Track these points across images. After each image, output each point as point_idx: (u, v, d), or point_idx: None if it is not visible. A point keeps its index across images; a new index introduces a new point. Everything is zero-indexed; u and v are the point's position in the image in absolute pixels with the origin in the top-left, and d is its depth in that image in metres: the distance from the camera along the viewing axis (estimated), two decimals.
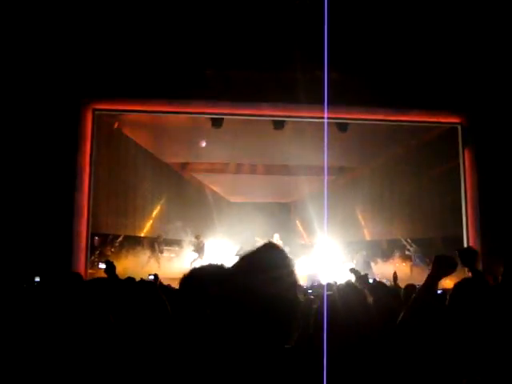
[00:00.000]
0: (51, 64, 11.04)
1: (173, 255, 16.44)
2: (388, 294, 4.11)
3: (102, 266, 4.81)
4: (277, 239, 17.36)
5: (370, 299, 2.17)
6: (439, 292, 5.92)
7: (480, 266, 12.31)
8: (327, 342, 1.87)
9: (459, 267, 2.62)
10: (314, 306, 2.17)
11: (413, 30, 10.92)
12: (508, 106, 11.79)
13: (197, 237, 16.42)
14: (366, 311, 2.16)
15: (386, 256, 15.86)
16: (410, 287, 5.41)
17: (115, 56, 11.29)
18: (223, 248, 16.25)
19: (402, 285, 5.95)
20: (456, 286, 2.67)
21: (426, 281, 2.34)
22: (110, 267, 4.14)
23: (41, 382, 1.91)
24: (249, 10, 10.55)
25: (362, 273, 6.25)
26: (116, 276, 4.14)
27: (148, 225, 16.07)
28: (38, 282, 7.00)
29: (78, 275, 4.24)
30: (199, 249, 16.18)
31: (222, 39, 10.94)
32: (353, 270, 5.58)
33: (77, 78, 11.34)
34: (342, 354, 1.96)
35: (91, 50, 11.13)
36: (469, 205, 12.90)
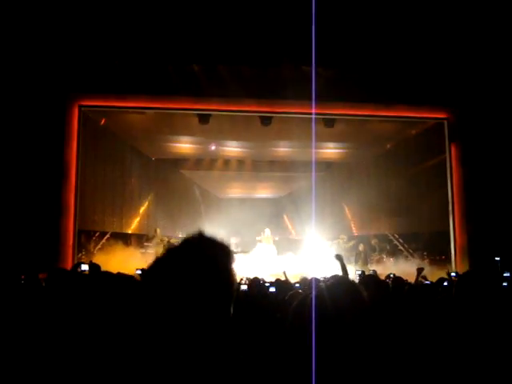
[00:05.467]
0: (37, 60, 10.93)
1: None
2: (377, 287, 4.12)
3: (85, 267, 4.69)
4: (268, 234, 17.41)
5: (365, 293, 2.12)
6: (427, 283, 5.97)
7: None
8: (315, 337, 1.87)
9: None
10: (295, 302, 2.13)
11: (400, 26, 10.94)
12: (494, 100, 11.88)
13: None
14: (357, 306, 2.12)
15: (373, 250, 15.93)
16: (398, 280, 5.45)
17: (101, 52, 11.20)
18: None
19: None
20: (462, 276, 2.61)
21: None
22: (94, 269, 4.08)
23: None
24: (236, 5, 10.52)
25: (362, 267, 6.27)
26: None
27: (135, 222, 16.00)
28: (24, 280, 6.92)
29: (63, 270, 4.21)
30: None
31: (209, 35, 10.90)
32: (338, 257, 5.55)
33: (62, 74, 11.24)
34: (329, 350, 1.95)
35: (77, 46, 11.04)
36: (455, 199, 12.98)
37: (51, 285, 3.12)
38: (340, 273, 5.24)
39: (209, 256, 1.24)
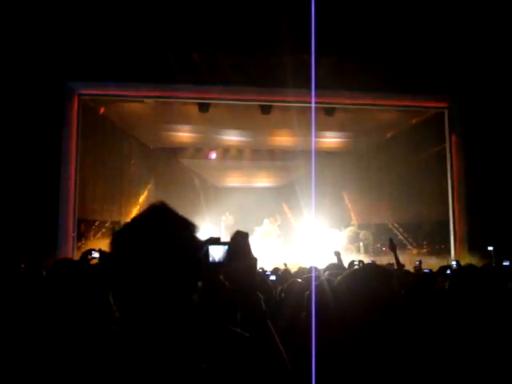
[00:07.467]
0: (36, 48, 10.83)
1: None
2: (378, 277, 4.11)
3: (96, 254, 4.68)
4: (267, 224, 17.43)
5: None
6: (426, 271, 5.97)
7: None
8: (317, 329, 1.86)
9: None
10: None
11: (400, 15, 10.86)
12: (494, 90, 11.82)
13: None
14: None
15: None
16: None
17: (101, 40, 11.11)
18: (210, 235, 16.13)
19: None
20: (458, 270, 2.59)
21: None
22: (103, 257, 4.05)
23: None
24: None
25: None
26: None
27: (135, 210, 15.97)
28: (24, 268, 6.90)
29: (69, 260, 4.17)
30: None
31: (209, 23, 10.80)
32: (336, 253, 5.58)
33: (62, 62, 11.15)
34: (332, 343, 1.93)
35: (76, 34, 10.93)
36: (455, 189, 12.98)
37: (54, 275, 3.10)
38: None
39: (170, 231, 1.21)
